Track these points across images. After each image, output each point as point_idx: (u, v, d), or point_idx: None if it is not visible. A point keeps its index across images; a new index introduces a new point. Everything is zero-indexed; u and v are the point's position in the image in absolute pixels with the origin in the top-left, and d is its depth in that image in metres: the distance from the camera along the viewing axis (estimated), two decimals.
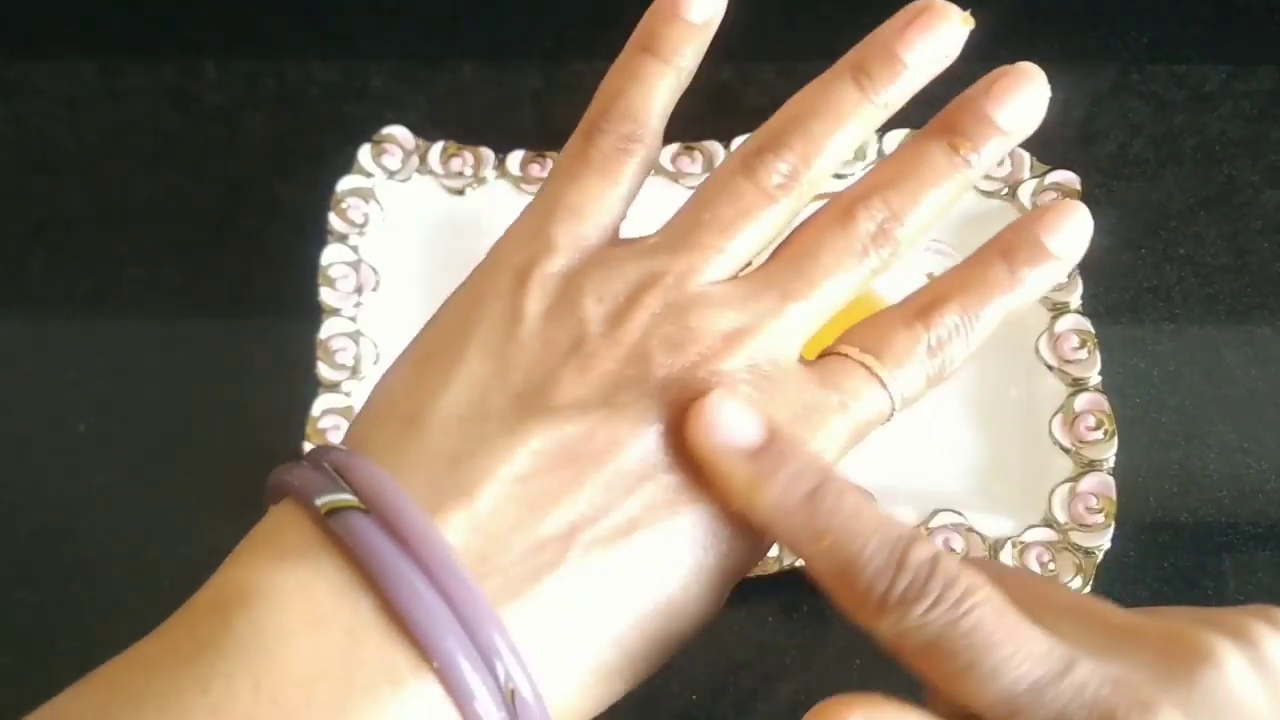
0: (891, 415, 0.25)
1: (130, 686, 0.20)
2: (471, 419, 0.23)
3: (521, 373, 0.23)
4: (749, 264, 0.26)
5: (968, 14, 0.25)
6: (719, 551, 0.23)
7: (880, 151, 0.49)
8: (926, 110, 0.27)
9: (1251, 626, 0.22)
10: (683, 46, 0.26)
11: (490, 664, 0.20)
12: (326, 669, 0.20)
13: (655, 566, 0.22)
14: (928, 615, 0.20)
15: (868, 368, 0.24)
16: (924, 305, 0.25)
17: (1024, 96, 0.25)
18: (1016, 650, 0.20)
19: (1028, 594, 0.22)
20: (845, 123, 0.25)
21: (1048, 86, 0.25)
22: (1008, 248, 0.25)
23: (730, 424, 0.22)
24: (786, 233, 0.26)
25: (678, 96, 0.27)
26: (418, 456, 0.22)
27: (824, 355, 0.25)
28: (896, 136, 0.49)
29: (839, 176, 0.44)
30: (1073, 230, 0.25)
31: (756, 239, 0.25)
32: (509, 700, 0.20)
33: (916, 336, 0.25)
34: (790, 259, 0.25)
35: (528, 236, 0.25)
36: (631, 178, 0.26)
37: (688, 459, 0.23)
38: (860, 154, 0.48)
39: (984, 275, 0.25)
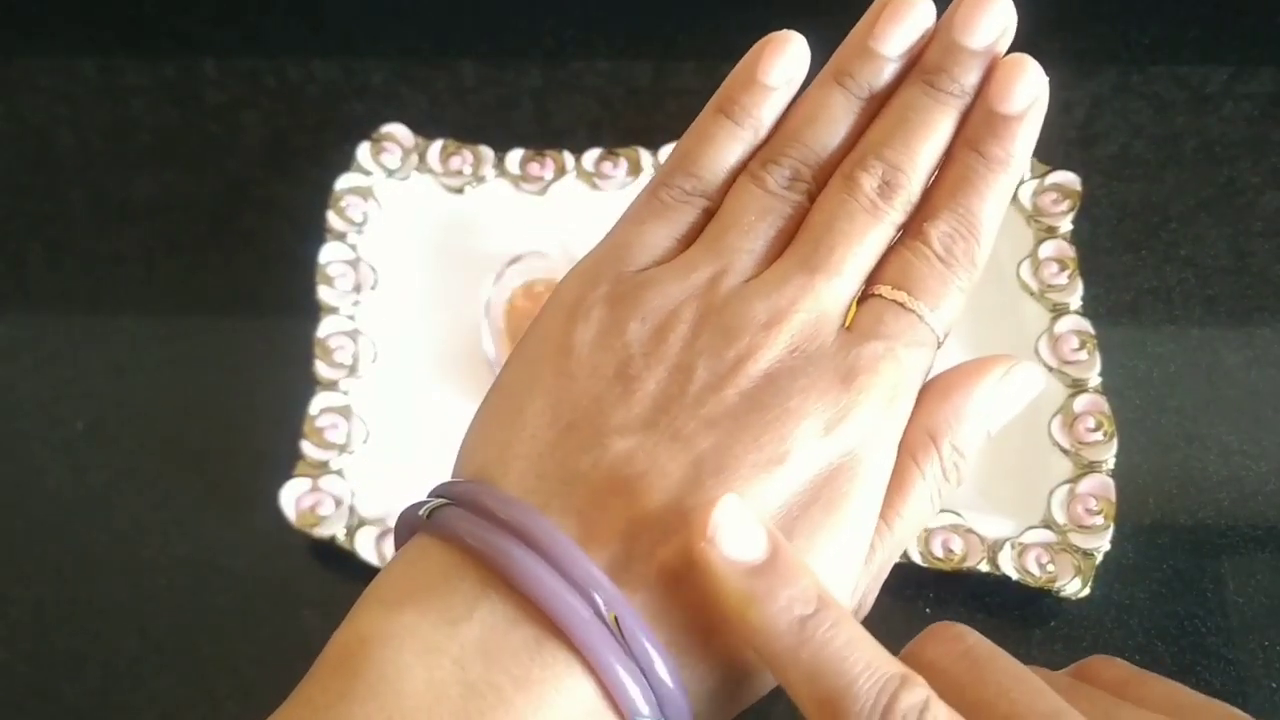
0: (940, 341, 0.25)
1: None
2: (534, 457, 0.24)
3: (570, 405, 0.24)
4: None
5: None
6: None
7: None
8: None
9: None
10: (757, 110, 0.27)
11: (596, 607, 0.21)
12: (442, 691, 0.21)
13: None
14: None
15: (899, 304, 0.25)
16: (917, 222, 0.26)
17: (985, 12, 0.26)
18: None
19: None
20: (836, 125, 0.26)
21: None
22: (972, 136, 0.26)
23: (733, 537, 0.22)
24: None
25: (749, 154, 0.27)
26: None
27: (861, 300, 0.26)
28: None
29: None
30: (1024, 84, 0.25)
31: (777, 231, 0.26)
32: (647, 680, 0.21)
33: (926, 257, 0.25)
34: (809, 235, 0.26)
35: (582, 274, 0.26)
36: (687, 223, 0.27)
37: (732, 472, 0.23)
38: None
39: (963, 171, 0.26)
